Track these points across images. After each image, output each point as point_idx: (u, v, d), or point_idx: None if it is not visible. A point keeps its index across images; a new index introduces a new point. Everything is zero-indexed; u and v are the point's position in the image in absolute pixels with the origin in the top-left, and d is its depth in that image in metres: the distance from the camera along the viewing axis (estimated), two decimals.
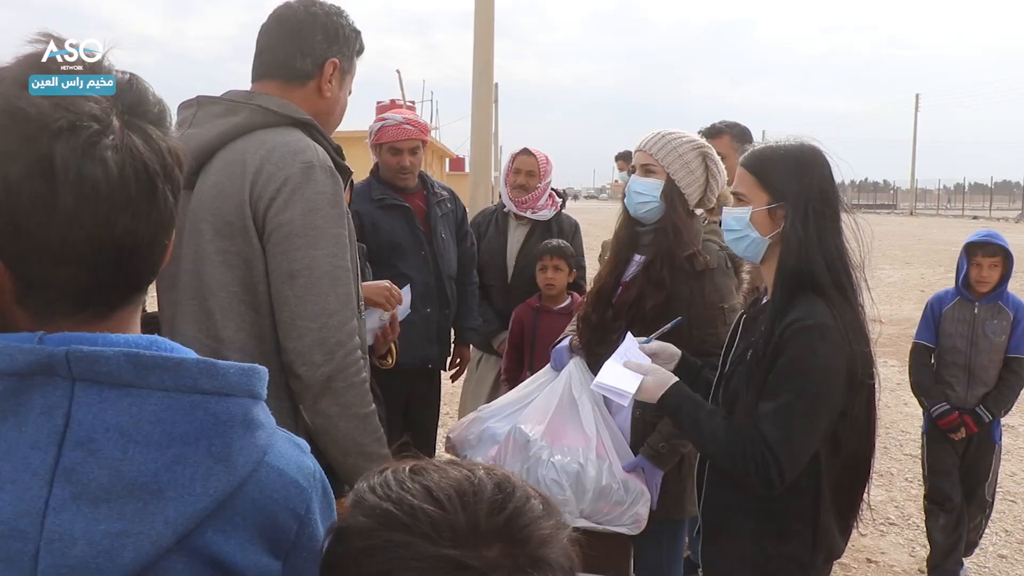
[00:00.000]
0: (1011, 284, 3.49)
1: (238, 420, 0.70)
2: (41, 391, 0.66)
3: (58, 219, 0.65)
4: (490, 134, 10.95)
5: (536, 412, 2.37)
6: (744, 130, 3.60)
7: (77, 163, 0.65)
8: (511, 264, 3.60)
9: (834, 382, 1.70)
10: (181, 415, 0.67)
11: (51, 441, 0.65)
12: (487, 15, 9.77)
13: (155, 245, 0.72)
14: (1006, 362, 3.47)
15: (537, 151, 3.62)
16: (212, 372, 0.70)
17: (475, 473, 0.73)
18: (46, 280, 0.69)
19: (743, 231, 1.86)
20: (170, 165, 0.72)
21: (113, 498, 0.64)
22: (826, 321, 1.70)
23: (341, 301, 1.64)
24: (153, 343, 0.72)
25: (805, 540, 1.78)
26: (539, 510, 0.72)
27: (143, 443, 0.66)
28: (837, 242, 1.78)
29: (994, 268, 3.45)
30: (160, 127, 0.73)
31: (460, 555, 0.66)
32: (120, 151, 0.67)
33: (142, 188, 0.69)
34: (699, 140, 2.42)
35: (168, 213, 0.72)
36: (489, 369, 3.66)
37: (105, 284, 0.71)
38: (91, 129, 0.66)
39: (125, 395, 0.66)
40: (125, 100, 0.71)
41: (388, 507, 0.70)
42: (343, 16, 1.84)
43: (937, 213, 54.89)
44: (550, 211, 3.61)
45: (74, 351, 0.66)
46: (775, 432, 1.69)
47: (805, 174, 1.79)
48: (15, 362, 0.66)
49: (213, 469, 0.68)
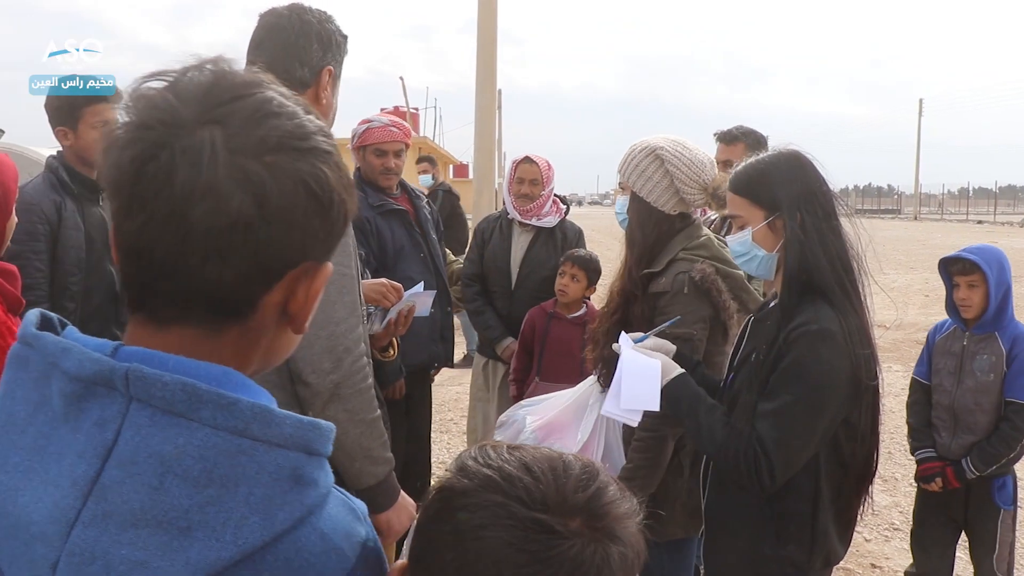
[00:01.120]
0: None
1: (286, 474, 0.66)
2: (100, 402, 0.66)
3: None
4: (494, 140, 10.98)
5: (547, 407, 2.42)
6: (760, 138, 3.56)
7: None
8: (515, 271, 3.62)
9: (835, 387, 1.70)
10: (225, 457, 0.64)
11: (96, 454, 0.64)
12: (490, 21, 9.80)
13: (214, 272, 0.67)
14: (1004, 407, 2.86)
15: (539, 158, 3.63)
16: (266, 419, 0.67)
17: (565, 455, 0.82)
18: (128, 272, 0.69)
19: (749, 253, 1.87)
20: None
21: (141, 525, 0.62)
22: (831, 327, 1.70)
23: (348, 308, 1.67)
24: (225, 375, 0.69)
25: (802, 544, 1.78)
26: (617, 495, 0.80)
27: (181, 476, 0.63)
28: (838, 243, 1.79)
29: (973, 288, 2.87)
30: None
31: (548, 519, 0.74)
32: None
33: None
34: (653, 144, 2.31)
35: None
36: (493, 374, 3.66)
37: (164, 292, 0.68)
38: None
39: (175, 424, 0.64)
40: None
41: (488, 472, 0.78)
42: (332, 22, 1.87)
43: (941, 218, 54.74)
44: (554, 218, 3.63)
45: (134, 370, 0.65)
46: (770, 433, 1.70)
47: (791, 180, 1.80)
48: (83, 369, 0.66)
49: (248, 519, 0.64)
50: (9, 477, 0.68)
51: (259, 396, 0.70)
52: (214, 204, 0.63)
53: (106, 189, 0.69)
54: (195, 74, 0.68)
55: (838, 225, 1.81)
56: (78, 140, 2.75)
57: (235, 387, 0.69)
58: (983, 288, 2.84)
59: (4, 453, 0.69)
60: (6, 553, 0.68)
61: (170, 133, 0.64)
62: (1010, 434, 2.81)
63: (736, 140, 3.49)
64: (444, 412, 5.86)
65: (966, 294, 2.88)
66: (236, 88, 0.67)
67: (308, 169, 0.68)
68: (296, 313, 0.73)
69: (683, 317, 2.17)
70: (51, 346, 0.69)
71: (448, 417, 5.77)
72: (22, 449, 0.68)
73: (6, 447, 0.69)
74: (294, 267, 0.70)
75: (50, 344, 0.69)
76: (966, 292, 2.88)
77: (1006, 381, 2.83)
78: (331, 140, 0.72)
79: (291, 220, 0.67)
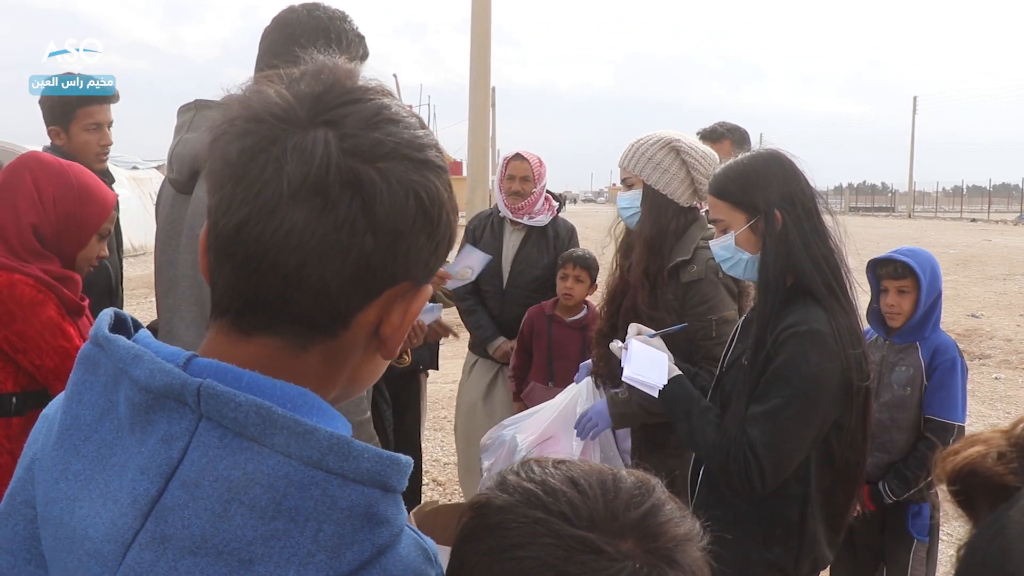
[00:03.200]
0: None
1: (359, 511, 0.61)
2: (168, 416, 0.62)
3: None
4: (487, 138, 10.97)
5: (535, 423, 2.40)
6: (744, 133, 3.56)
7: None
8: (507, 269, 3.58)
9: (825, 390, 1.69)
10: (296, 488, 0.60)
11: (160, 473, 0.61)
12: (484, 20, 9.79)
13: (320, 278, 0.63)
14: (923, 424, 2.57)
15: (530, 154, 3.58)
16: (344, 452, 0.61)
17: (618, 471, 0.75)
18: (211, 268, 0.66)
19: (734, 256, 1.86)
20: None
21: (201, 554, 0.59)
22: (821, 328, 1.69)
23: None
24: (301, 396, 0.64)
25: (789, 547, 1.77)
26: (676, 514, 0.72)
27: (248, 505, 0.59)
28: (821, 243, 1.77)
29: (904, 295, 2.58)
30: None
31: (595, 538, 0.66)
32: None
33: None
34: (667, 137, 2.35)
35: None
36: (484, 373, 3.64)
37: (251, 298, 0.64)
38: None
39: (246, 448, 0.60)
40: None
41: (529, 486, 0.71)
42: (347, 20, 1.83)
43: (935, 216, 54.91)
44: (547, 216, 3.58)
45: (207, 387, 0.61)
46: (761, 436, 1.69)
47: (770, 181, 1.78)
48: (154, 379, 0.62)
49: (315, 556, 0.59)
50: (69, 486, 0.64)
51: (336, 423, 0.66)
52: (321, 203, 0.60)
53: (209, 183, 0.65)
54: (311, 77, 0.66)
55: (821, 224, 1.79)
56: (70, 141, 2.74)
57: (311, 411, 0.64)
58: (913, 295, 2.57)
59: (66, 459, 0.65)
60: (59, 567, 0.65)
61: (283, 128, 0.61)
62: (927, 455, 2.47)
63: (722, 137, 3.46)
64: (438, 410, 5.85)
65: (895, 300, 2.59)
66: (353, 92, 0.65)
67: (421, 181, 0.64)
68: (388, 336, 0.69)
69: (716, 302, 2.23)
70: (122, 351, 0.65)
71: (443, 415, 5.76)
72: (85, 457, 0.64)
73: (69, 453, 0.65)
74: (394, 284, 0.66)
75: (121, 349, 0.65)
76: (895, 298, 2.59)
77: (924, 396, 2.56)
78: (443, 157, 0.69)
79: (399, 231, 0.63)
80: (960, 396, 2.58)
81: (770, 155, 1.83)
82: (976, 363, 7.80)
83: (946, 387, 2.55)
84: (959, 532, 4.05)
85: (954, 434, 2.50)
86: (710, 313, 2.24)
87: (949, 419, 2.53)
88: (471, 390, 3.66)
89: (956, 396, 2.56)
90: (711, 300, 2.26)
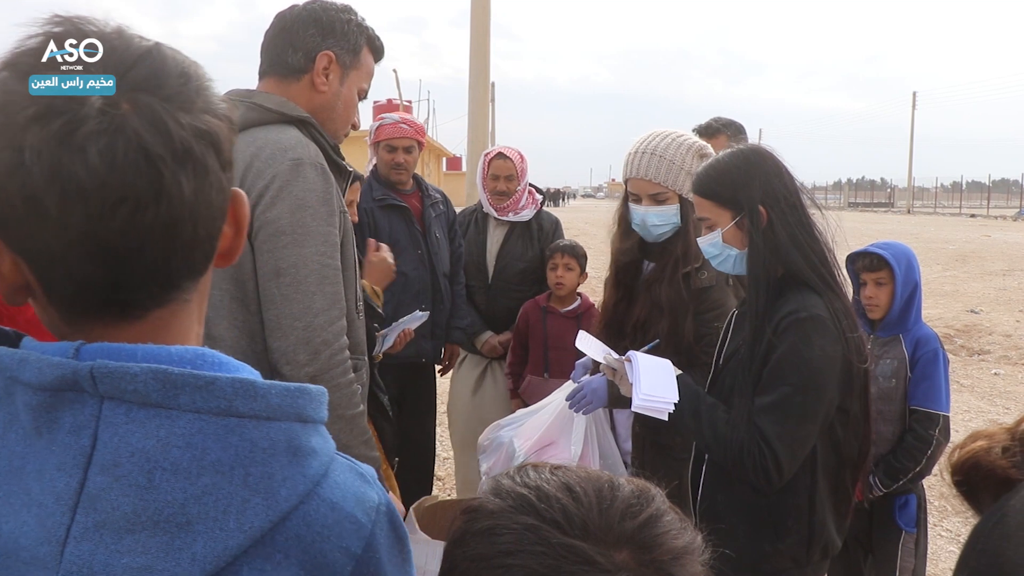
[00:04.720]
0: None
1: (281, 447, 0.62)
2: (71, 408, 0.61)
3: (43, 217, 0.58)
4: (487, 133, 10.97)
5: (532, 426, 2.37)
6: (740, 128, 3.54)
7: (51, 156, 0.57)
8: (491, 264, 3.58)
9: (831, 373, 1.68)
10: (213, 440, 0.60)
11: (76, 464, 0.60)
12: (483, 14, 9.78)
13: (179, 238, 0.62)
14: (908, 415, 2.63)
15: (511, 151, 3.56)
16: (250, 393, 0.62)
17: (616, 479, 0.73)
18: (57, 278, 0.62)
19: (722, 253, 1.86)
20: (187, 147, 0.61)
21: (138, 529, 0.59)
22: (820, 313, 1.69)
23: (328, 300, 1.62)
24: (199, 356, 0.64)
25: (800, 536, 1.77)
26: (675, 525, 0.70)
27: (171, 470, 0.59)
28: (807, 235, 1.77)
29: (881, 287, 2.65)
30: (179, 103, 0.61)
31: (588, 548, 0.64)
32: (108, 136, 0.58)
33: (142, 177, 0.59)
34: (691, 141, 2.32)
35: (192, 201, 0.61)
36: (472, 367, 3.65)
37: (123, 282, 0.62)
38: (66, 116, 0.57)
39: (153, 416, 0.60)
40: (133, 76, 0.61)
41: (522, 491, 0.70)
42: (348, 12, 1.82)
43: (935, 211, 54.95)
44: (531, 211, 3.58)
45: (99, 367, 0.60)
46: (773, 427, 1.68)
47: (752, 177, 1.78)
48: (44, 376, 0.61)
49: (250, 501, 0.60)
50: None
51: (239, 371, 0.66)
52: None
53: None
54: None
55: (806, 216, 1.79)
56: None
57: (212, 367, 0.64)
58: (890, 286, 2.64)
59: None
60: None
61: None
62: (915, 445, 2.56)
63: (718, 133, 3.43)
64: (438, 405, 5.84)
65: (873, 292, 2.66)
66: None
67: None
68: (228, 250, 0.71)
69: (726, 309, 2.19)
70: (6, 360, 0.64)
71: (442, 410, 5.75)
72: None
73: None
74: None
75: (4, 358, 0.64)
76: (873, 290, 2.66)
77: (909, 387, 2.62)
78: None
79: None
80: (944, 386, 2.62)
81: (751, 151, 1.83)
82: (975, 359, 7.80)
83: (929, 378, 2.61)
84: (958, 528, 4.05)
85: (939, 423, 2.57)
86: (718, 320, 2.20)
87: (934, 409, 2.59)
88: (461, 385, 3.67)
89: (940, 386, 2.60)
90: (722, 307, 2.26)
